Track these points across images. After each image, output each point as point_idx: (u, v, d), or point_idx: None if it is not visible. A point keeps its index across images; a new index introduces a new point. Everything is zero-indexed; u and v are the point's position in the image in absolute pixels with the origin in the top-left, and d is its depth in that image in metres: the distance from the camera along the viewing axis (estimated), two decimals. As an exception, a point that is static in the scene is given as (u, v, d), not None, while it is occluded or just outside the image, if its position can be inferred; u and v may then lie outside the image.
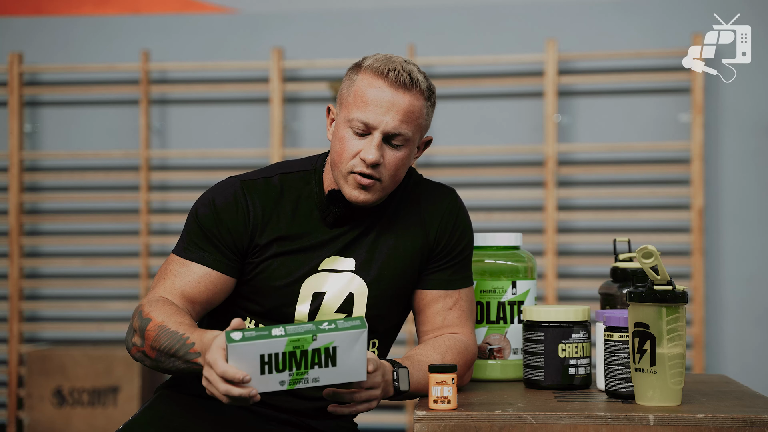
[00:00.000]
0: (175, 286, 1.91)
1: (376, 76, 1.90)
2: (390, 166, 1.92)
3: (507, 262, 2.12)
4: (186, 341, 1.77)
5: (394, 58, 1.93)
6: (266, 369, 1.63)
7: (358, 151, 1.90)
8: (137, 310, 1.88)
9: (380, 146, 1.90)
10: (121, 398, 4.48)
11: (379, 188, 1.92)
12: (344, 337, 1.65)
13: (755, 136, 4.57)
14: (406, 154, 1.93)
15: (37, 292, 4.98)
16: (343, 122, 1.92)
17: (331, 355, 1.65)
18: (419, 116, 1.93)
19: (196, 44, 4.88)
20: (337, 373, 1.66)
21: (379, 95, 1.89)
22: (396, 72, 1.90)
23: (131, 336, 1.87)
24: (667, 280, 1.72)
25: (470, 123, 4.71)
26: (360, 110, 1.90)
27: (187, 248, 1.94)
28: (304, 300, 1.95)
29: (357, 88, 1.91)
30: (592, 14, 4.69)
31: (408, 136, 1.92)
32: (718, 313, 4.59)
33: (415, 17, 4.78)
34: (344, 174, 1.92)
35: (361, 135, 1.90)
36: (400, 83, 1.89)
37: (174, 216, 4.84)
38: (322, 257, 1.96)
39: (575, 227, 4.68)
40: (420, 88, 1.92)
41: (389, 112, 1.89)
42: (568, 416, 1.66)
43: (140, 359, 1.87)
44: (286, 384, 1.65)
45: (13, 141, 4.85)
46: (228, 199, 1.95)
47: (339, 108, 1.96)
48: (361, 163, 1.90)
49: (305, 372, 1.65)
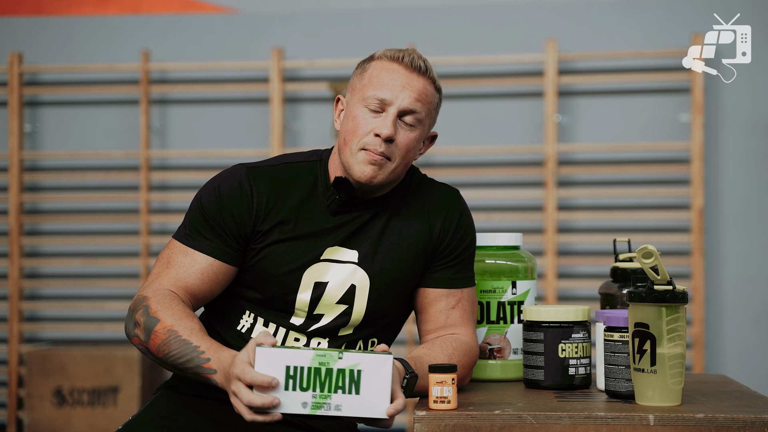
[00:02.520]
0: (179, 278, 1.91)
1: (391, 60, 1.95)
2: (401, 145, 1.93)
3: (507, 262, 2.12)
4: (200, 354, 1.78)
5: (406, 48, 1.98)
6: (291, 384, 1.65)
7: (372, 128, 1.92)
8: (142, 302, 1.87)
9: (395, 122, 1.92)
10: (121, 398, 4.48)
11: (389, 167, 1.93)
12: (370, 361, 1.66)
13: (755, 136, 4.57)
14: (417, 136, 1.96)
15: (37, 292, 4.98)
16: (357, 102, 1.95)
17: (355, 379, 1.66)
18: (431, 101, 1.97)
19: (196, 44, 4.88)
20: (360, 403, 1.66)
21: (395, 75, 1.93)
22: (411, 57, 1.95)
23: (133, 327, 1.87)
24: (667, 280, 1.72)
25: (470, 123, 4.71)
26: (375, 88, 1.93)
27: (189, 235, 1.95)
28: (305, 288, 1.95)
29: (371, 72, 1.95)
30: (592, 14, 4.69)
31: (421, 117, 1.95)
32: (718, 313, 4.59)
33: (415, 17, 4.78)
34: (355, 151, 1.93)
35: (376, 112, 1.93)
36: (414, 67, 1.94)
37: (174, 216, 4.84)
38: (325, 246, 1.96)
39: (575, 227, 4.68)
40: (432, 75, 1.97)
41: (405, 89, 1.93)
42: (568, 416, 1.66)
43: (141, 350, 1.88)
44: (308, 407, 1.65)
45: (13, 141, 4.85)
46: (233, 186, 1.96)
47: (350, 95, 1.98)
48: (375, 139, 1.91)
49: (328, 396, 1.65)
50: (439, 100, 2.00)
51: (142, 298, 1.89)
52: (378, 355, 1.67)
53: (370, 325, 2.00)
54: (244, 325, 1.99)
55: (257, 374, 1.64)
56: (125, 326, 1.91)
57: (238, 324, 1.99)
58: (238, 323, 1.99)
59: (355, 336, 1.99)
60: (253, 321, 1.98)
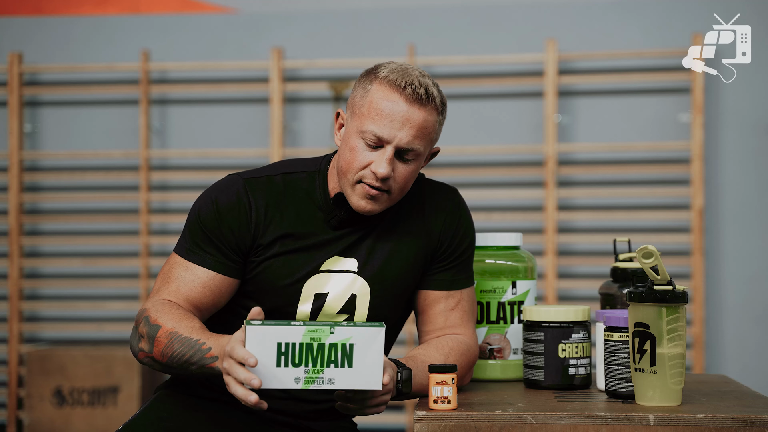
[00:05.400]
0: (181, 292, 1.91)
1: (392, 89, 1.88)
2: (399, 179, 1.91)
3: (507, 262, 2.12)
4: (201, 346, 1.78)
5: (410, 71, 1.90)
6: (282, 360, 1.64)
7: (368, 163, 1.89)
8: (142, 315, 1.87)
9: (392, 160, 1.88)
10: (121, 398, 4.48)
11: (386, 199, 1.92)
12: (362, 333, 1.66)
13: (755, 136, 4.57)
14: (415, 167, 1.93)
15: (37, 292, 4.98)
16: (355, 132, 1.90)
17: (347, 353, 1.65)
18: (432, 131, 1.91)
19: (196, 44, 4.88)
20: (353, 375, 1.66)
21: (395, 109, 1.87)
22: (413, 87, 1.87)
23: (138, 341, 1.87)
24: (667, 280, 1.72)
25: (470, 123, 4.71)
26: (374, 123, 1.87)
27: (190, 249, 1.93)
28: (305, 300, 1.95)
29: (372, 99, 1.89)
30: (592, 14, 4.69)
31: (420, 152, 1.91)
32: (718, 313, 4.59)
33: (415, 17, 4.78)
34: (352, 183, 1.90)
35: (373, 147, 1.89)
36: (416, 98, 1.87)
37: (174, 216, 4.84)
38: (324, 257, 1.95)
39: (575, 227, 4.68)
40: (435, 103, 1.90)
41: (404, 127, 1.87)
42: (568, 416, 1.66)
43: (148, 364, 1.88)
44: (301, 382, 1.65)
45: (13, 141, 4.85)
46: (231, 199, 1.94)
47: (351, 115, 1.93)
48: (371, 175, 1.88)
49: (321, 370, 1.65)
50: (443, 119, 1.95)
51: (142, 311, 1.89)
52: (369, 328, 1.67)
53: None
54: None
55: (239, 350, 1.64)
56: (130, 345, 1.90)
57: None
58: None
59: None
60: None
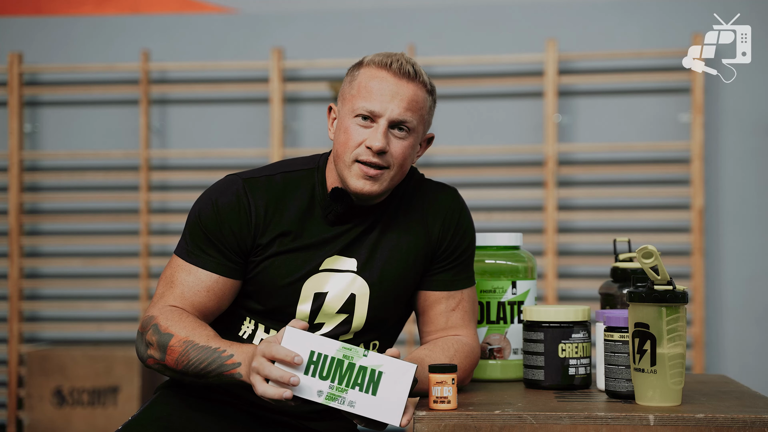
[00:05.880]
0: (186, 297, 1.91)
1: (379, 68, 1.91)
2: (396, 154, 1.91)
3: (507, 262, 2.12)
4: (221, 354, 1.79)
5: (395, 53, 1.94)
6: (311, 370, 1.66)
7: (363, 140, 1.90)
8: (150, 322, 1.87)
9: (386, 134, 1.90)
10: (121, 398, 4.48)
11: (386, 177, 1.92)
12: (393, 364, 1.67)
13: (755, 136, 4.57)
14: (411, 143, 1.93)
15: (37, 292, 4.98)
16: (347, 113, 1.92)
17: (374, 380, 1.66)
18: (422, 107, 1.93)
19: (196, 44, 4.88)
20: (374, 404, 1.66)
21: (383, 84, 1.90)
22: (399, 63, 1.91)
23: (146, 348, 1.88)
24: (667, 280, 1.72)
25: (470, 123, 4.71)
26: (365, 99, 1.90)
27: (191, 252, 1.93)
28: (305, 300, 1.95)
29: (360, 81, 1.92)
30: (592, 14, 4.69)
31: (413, 125, 1.92)
32: (718, 313, 4.59)
33: (415, 17, 4.78)
34: (348, 164, 1.91)
35: (366, 126, 1.90)
36: (403, 73, 1.91)
37: (174, 216, 4.84)
38: (324, 256, 1.95)
39: (575, 227, 4.68)
40: (422, 79, 1.93)
41: (394, 99, 1.90)
42: (568, 416, 1.66)
43: (158, 370, 1.88)
44: (323, 396, 1.66)
45: (13, 141, 4.85)
46: (231, 200, 1.94)
47: (342, 105, 1.95)
48: (367, 151, 1.89)
49: (345, 390, 1.65)
50: (433, 102, 1.97)
51: (149, 318, 1.88)
52: (402, 362, 1.67)
53: (371, 330, 1.99)
54: (246, 332, 1.98)
55: (281, 348, 1.65)
56: (137, 350, 1.91)
57: (239, 330, 1.99)
58: (240, 329, 1.99)
59: (356, 340, 1.98)
60: (255, 327, 1.98)
